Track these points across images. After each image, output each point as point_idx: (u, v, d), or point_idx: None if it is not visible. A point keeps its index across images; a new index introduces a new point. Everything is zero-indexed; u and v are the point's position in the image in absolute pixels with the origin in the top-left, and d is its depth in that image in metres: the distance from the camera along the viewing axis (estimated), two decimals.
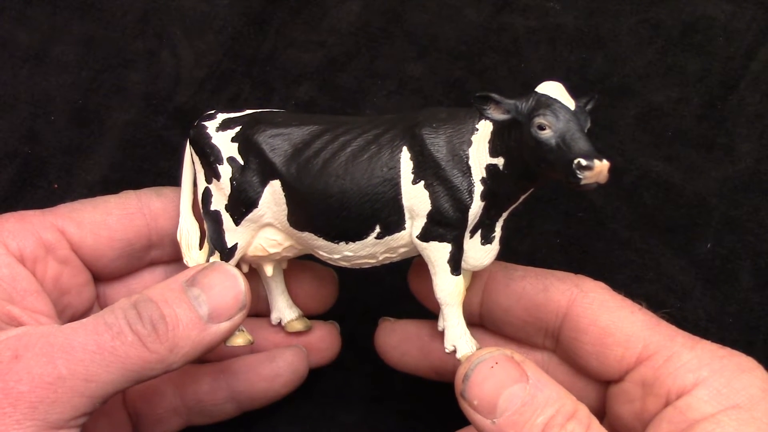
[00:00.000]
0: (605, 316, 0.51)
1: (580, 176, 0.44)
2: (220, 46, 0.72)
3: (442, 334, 0.53)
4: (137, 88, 0.71)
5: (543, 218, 0.68)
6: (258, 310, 0.60)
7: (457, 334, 0.51)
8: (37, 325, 0.49)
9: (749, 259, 0.66)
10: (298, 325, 0.59)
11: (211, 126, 0.53)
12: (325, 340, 0.60)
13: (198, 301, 0.48)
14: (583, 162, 0.44)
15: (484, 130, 0.49)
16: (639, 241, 0.67)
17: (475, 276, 0.54)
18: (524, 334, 0.55)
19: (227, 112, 0.54)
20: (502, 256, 0.67)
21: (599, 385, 0.53)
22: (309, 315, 0.61)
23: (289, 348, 0.59)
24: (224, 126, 0.53)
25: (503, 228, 0.52)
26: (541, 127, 0.46)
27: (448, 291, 0.50)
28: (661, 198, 0.68)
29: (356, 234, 0.51)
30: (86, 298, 0.56)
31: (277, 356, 0.59)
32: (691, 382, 0.47)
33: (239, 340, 0.55)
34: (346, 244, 0.51)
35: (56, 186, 0.69)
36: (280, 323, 0.59)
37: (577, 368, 0.53)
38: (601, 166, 0.44)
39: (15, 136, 0.70)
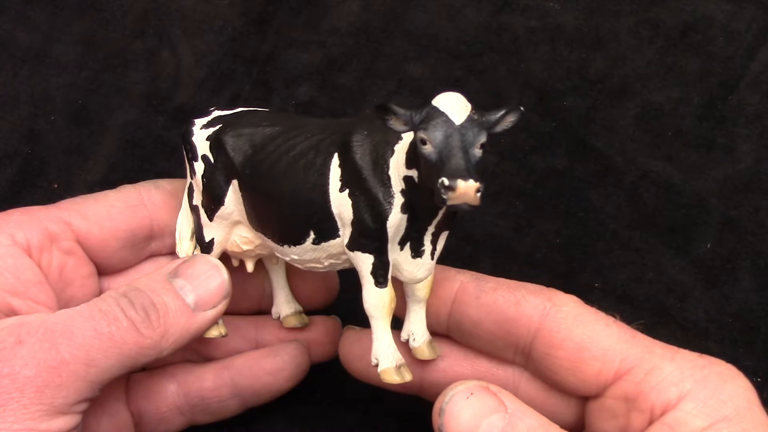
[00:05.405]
0: (580, 330, 0.49)
1: (444, 196, 0.41)
2: (220, 46, 0.72)
3: (406, 344, 0.52)
4: (137, 88, 0.71)
5: (543, 218, 0.68)
6: (261, 306, 0.61)
7: (380, 348, 0.50)
8: None
9: (749, 259, 0.66)
10: (294, 321, 0.59)
11: (197, 123, 0.54)
12: (328, 335, 0.60)
13: (184, 290, 0.50)
14: (446, 182, 0.41)
15: (406, 139, 0.47)
16: (639, 241, 0.67)
17: (445, 286, 0.53)
18: (494, 348, 0.53)
19: (222, 110, 0.55)
20: (501, 257, 0.67)
21: (575, 401, 0.52)
22: (313, 310, 0.61)
23: (291, 342, 0.60)
24: (209, 124, 0.54)
25: (433, 242, 0.49)
26: (423, 142, 0.43)
27: (373, 303, 0.49)
28: (661, 198, 0.68)
29: (295, 239, 0.50)
30: (90, 290, 0.56)
31: (280, 351, 0.59)
32: (676, 396, 0.46)
33: (213, 332, 0.55)
34: (290, 247, 0.51)
35: (56, 186, 0.69)
36: (279, 318, 0.60)
37: (552, 384, 0.52)
38: (466, 187, 0.41)
39: (15, 136, 0.70)
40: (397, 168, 0.47)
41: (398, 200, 0.47)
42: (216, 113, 0.55)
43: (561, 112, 0.71)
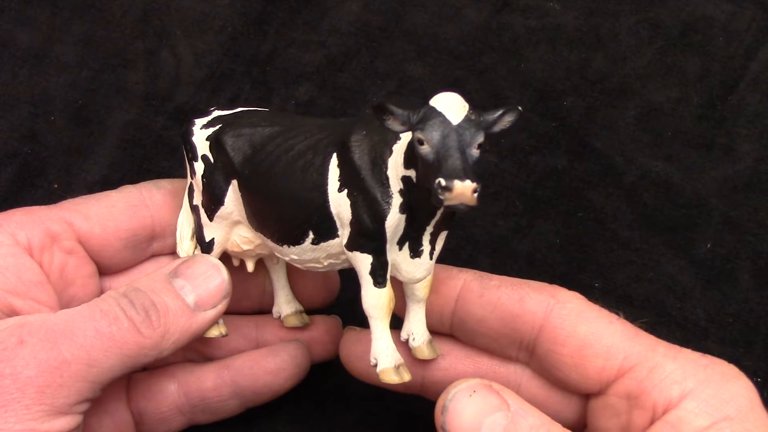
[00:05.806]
0: (584, 326, 0.49)
1: (441, 197, 0.41)
2: (220, 46, 0.72)
3: (406, 344, 0.52)
4: (137, 88, 0.71)
5: (543, 218, 0.68)
6: (262, 305, 0.61)
7: (378, 348, 0.50)
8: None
9: (749, 259, 0.66)
10: (294, 320, 0.59)
11: (197, 123, 0.54)
12: (329, 334, 0.60)
13: (184, 290, 0.50)
14: (443, 182, 0.41)
15: (405, 139, 0.47)
16: (639, 241, 0.67)
17: (448, 284, 0.53)
18: (497, 346, 0.53)
19: (222, 110, 0.55)
20: (500, 257, 0.67)
21: (577, 399, 0.52)
22: (313, 309, 0.61)
23: (291, 342, 0.60)
24: (209, 124, 0.54)
25: (432, 242, 0.49)
26: (420, 142, 0.43)
27: (371, 303, 0.49)
28: (661, 198, 0.68)
29: (294, 239, 0.50)
30: (91, 290, 0.56)
31: (280, 350, 0.59)
32: (678, 394, 0.46)
33: (214, 332, 0.55)
34: (289, 247, 0.51)
35: (56, 186, 0.69)
36: (280, 317, 0.60)
37: (555, 381, 0.52)
38: (462, 187, 0.41)
39: (15, 136, 0.70)
40: (396, 168, 0.47)
41: (396, 200, 0.47)
42: (216, 113, 0.55)
43: (561, 112, 0.71)
